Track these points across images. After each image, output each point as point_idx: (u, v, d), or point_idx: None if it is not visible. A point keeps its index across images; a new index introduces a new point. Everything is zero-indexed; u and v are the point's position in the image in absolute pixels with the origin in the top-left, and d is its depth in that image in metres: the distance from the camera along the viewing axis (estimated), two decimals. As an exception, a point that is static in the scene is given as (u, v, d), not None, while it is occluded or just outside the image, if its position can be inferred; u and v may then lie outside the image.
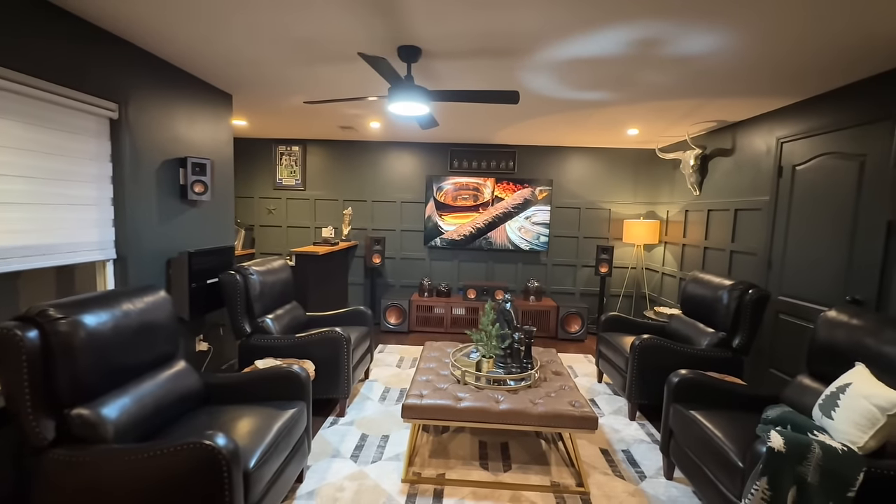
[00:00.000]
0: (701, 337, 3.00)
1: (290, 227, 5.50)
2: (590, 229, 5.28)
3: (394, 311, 4.84)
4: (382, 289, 5.44)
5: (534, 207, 5.14)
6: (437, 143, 5.25)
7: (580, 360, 4.13)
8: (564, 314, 4.75)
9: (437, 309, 4.88)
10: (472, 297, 4.87)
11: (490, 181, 5.13)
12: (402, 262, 5.43)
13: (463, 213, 5.20)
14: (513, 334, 2.46)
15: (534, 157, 5.23)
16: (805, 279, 2.90)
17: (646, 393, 2.85)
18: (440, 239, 5.24)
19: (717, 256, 3.90)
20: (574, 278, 5.35)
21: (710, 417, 1.98)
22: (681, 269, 4.51)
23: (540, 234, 5.17)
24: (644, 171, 5.18)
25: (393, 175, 5.35)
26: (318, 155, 5.38)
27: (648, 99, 3.11)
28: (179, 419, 1.87)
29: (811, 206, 2.88)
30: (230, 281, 2.75)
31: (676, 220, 4.66)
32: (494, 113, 3.65)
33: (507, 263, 5.36)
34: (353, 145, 5.32)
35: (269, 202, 5.48)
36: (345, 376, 2.77)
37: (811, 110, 2.91)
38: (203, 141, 3.05)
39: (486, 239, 5.20)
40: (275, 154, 5.39)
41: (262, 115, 4.14)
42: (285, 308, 3.17)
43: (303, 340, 2.75)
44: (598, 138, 4.68)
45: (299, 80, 2.89)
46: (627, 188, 5.23)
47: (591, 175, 5.24)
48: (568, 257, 5.33)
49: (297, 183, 5.42)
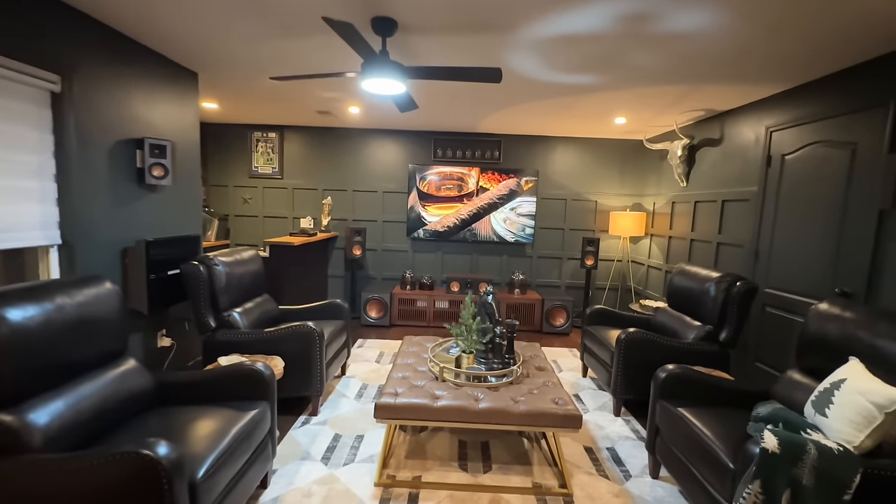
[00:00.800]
0: (687, 330, 2.93)
1: (266, 217, 5.28)
2: (576, 221, 5.19)
3: (374, 304, 4.68)
4: (363, 281, 5.27)
5: (519, 198, 5.02)
6: (421, 130, 5.07)
7: (565, 355, 4.04)
8: (549, 307, 4.66)
9: (420, 302, 4.74)
10: (456, 290, 4.74)
11: (475, 171, 4.99)
12: (384, 254, 5.27)
13: (447, 203, 5.05)
14: (494, 328, 2.34)
15: (519, 147, 5.10)
16: (793, 271, 2.83)
17: (631, 388, 2.77)
18: (423, 230, 5.09)
19: (703, 249, 3.84)
20: (559, 271, 5.26)
21: (698, 414, 1.89)
22: (667, 262, 4.45)
23: (525, 225, 5.05)
24: (631, 162, 5.10)
25: (375, 164, 5.16)
26: (296, 142, 5.16)
27: (636, 84, 3.00)
28: (127, 423, 1.70)
29: (800, 197, 2.81)
30: (193, 272, 2.56)
31: (663, 212, 4.59)
32: (478, 97, 3.49)
33: (492, 256, 5.24)
34: (333, 132, 5.11)
35: (244, 191, 5.24)
36: (317, 373, 2.62)
37: (801, 98, 2.83)
38: (164, 122, 2.83)
39: (471, 230, 5.07)
40: (250, 141, 5.15)
41: (234, 98, 3.91)
42: (255, 301, 2.99)
43: (272, 335, 2.58)
44: (584, 128, 4.57)
45: (268, 56, 2.69)
46: (614, 179, 5.14)
47: (577, 166, 5.14)
48: (553, 249, 5.23)
49: (273, 171, 5.19)
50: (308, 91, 3.53)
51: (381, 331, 4.57)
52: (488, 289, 2.50)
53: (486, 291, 2.50)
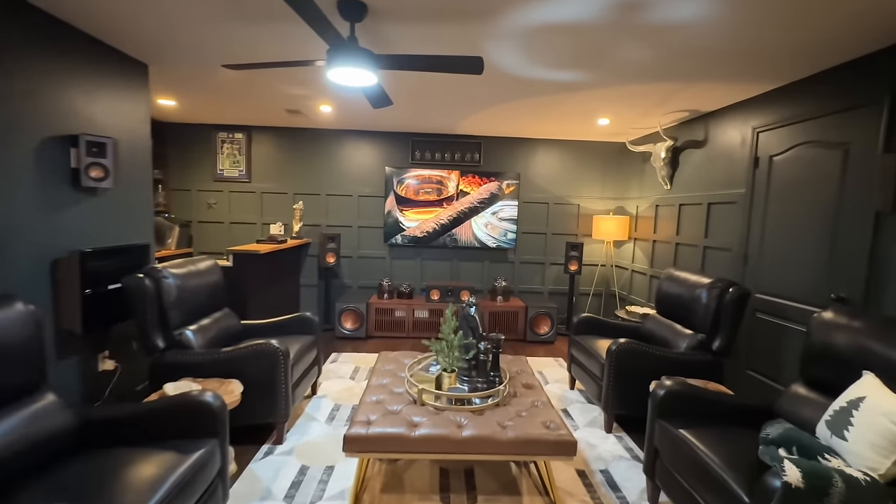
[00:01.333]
0: (679, 339, 2.79)
1: (233, 223, 4.94)
2: (559, 225, 5.06)
3: (350, 315, 4.41)
4: (338, 290, 4.99)
5: (501, 202, 4.85)
6: (398, 132, 4.85)
7: (551, 365, 3.87)
8: (533, 315, 4.49)
9: (398, 312, 4.50)
10: (436, 298, 4.52)
11: (454, 174, 4.80)
12: (360, 261, 5.01)
13: (426, 208, 4.84)
14: (478, 344, 2.13)
15: (501, 149, 4.94)
16: (784, 275, 2.74)
17: (624, 402, 2.60)
18: (401, 236, 4.85)
19: (689, 252, 3.74)
20: (542, 277, 5.11)
21: (701, 436, 1.72)
22: (651, 266, 4.35)
23: (507, 230, 4.89)
24: (613, 164, 5.01)
25: (349, 167, 4.91)
26: (264, 143, 4.85)
27: (623, 82, 2.87)
28: (40, 474, 1.40)
29: (790, 198, 2.72)
30: (136, 286, 2.25)
31: (646, 216, 4.50)
32: (458, 95, 3.30)
33: (474, 262, 5.04)
34: (305, 133, 4.84)
35: (209, 195, 4.90)
36: (282, 397, 2.35)
37: (789, 97, 2.75)
38: (106, 117, 2.53)
39: (451, 236, 4.86)
40: (215, 142, 4.81)
41: (194, 95, 3.61)
42: (213, 317, 2.69)
43: (229, 356, 2.30)
44: (567, 130, 4.45)
45: (223, 44, 2.43)
46: (596, 183, 5.04)
47: (559, 169, 5.01)
48: (536, 255, 5.08)
49: (240, 174, 4.87)
50: (274, 87, 3.27)
51: (356, 343, 4.30)
52: (470, 300, 2.29)
53: (468, 303, 2.29)
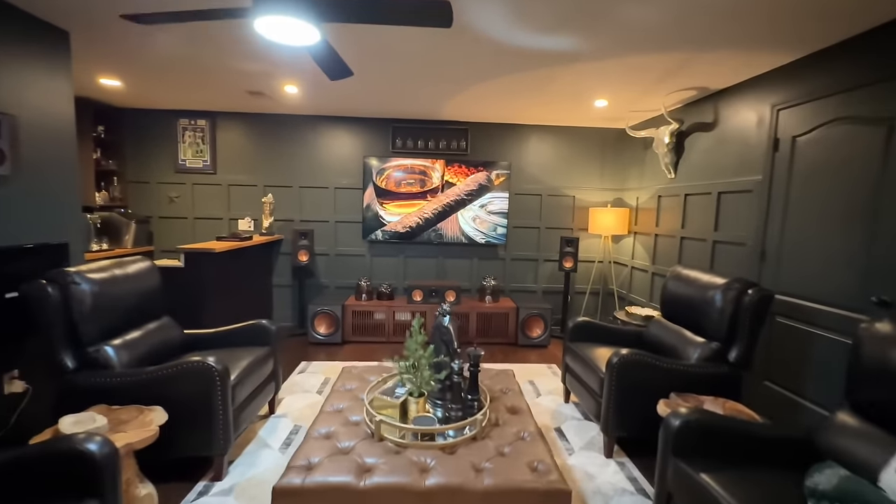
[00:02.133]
0: (689, 348, 2.43)
1: (197, 218, 4.52)
2: (553, 219, 4.68)
3: (324, 318, 4.02)
4: (314, 291, 4.59)
5: (490, 194, 4.46)
6: (378, 118, 4.44)
7: (543, 373, 3.50)
8: (525, 316, 4.11)
9: (378, 314, 4.11)
10: (419, 299, 4.13)
11: (439, 164, 4.40)
12: (338, 259, 4.61)
13: (408, 200, 4.44)
14: (452, 362, 1.75)
15: (489, 137, 4.55)
16: (809, 274, 2.37)
17: (627, 423, 2.24)
18: (382, 231, 4.46)
19: (696, 248, 3.37)
20: (535, 274, 4.73)
21: (730, 485, 1.35)
22: (653, 263, 3.98)
23: (497, 224, 4.50)
24: (612, 153, 4.62)
25: (325, 156, 4.49)
26: (230, 130, 4.43)
27: (622, 51, 2.48)
28: None
29: (816, 185, 2.35)
30: (37, 294, 1.85)
31: (648, 208, 4.13)
32: (436, 66, 2.90)
33: (461, 259, 4.66)
34: (275, 119, 4.41)
35: (170, 188, 4.47)
36: (220, 425, 1.96)
37: (815, 68, 2.38)
38: (8, 92, 2.11)
39: (436, 231, 4.47)
40: (176, 130, 4.38)
41: (139, 73, 3.18)
42: (146, 329, 2.29)
43: (153, 377, 1.90)
44: (561, 114, 4.05)
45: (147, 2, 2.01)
46: (593, 172, 4.66)
47: (553, 158, 4.62)
48: (529, 251, 4.70)
49: (205, 165, 4.44)
50: (224, 62, 2.85)
51: (331, 350, 3.91)
52: (444, 307, 1.91)
53: (441, 310, 1.91)
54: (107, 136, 4.23)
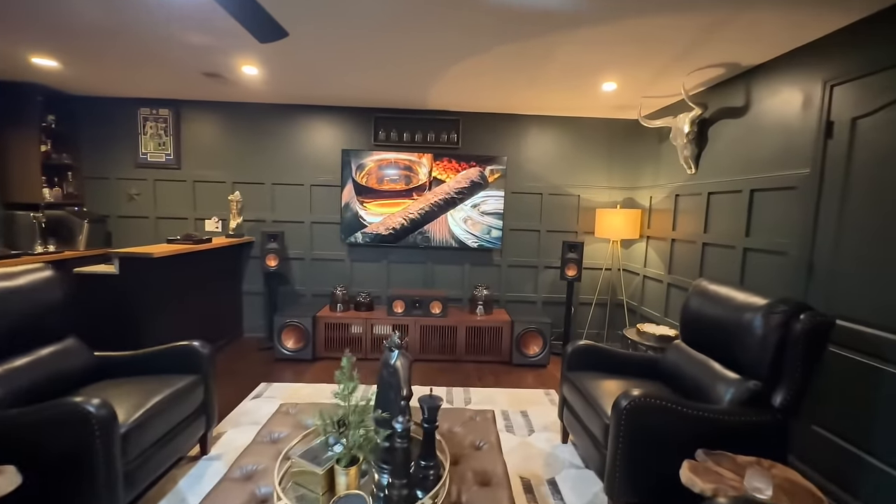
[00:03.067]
0: (719, 386, 1.91)
1: (160, 218, 4.10)
2: (554, 221, 4.17)
3: (292, 331, 3.56)
4: (289, 299, 4.15)
5: (483, 193, 3.97)
6: (358, 107, 3.98)
7: (539, 400, 3.00)
8: (521, 332, 3.61)
9: (354, 327, 3.64)
10: (400, 311, 3.65)
11: (426, 158, 3.92)
12: (315, 264, 4.15)
13: (391, 199, 3.97)
14: (396, 419, 1.26)
15: (483, 128, 4.06)
16: (877, 293, 1.85)
17: (638, 485, 1.74)
18: (362, 234, 3.99)
19: (722, 256, 2.85)
20: (535, 283, 4.23)
21: None
22: (669, 273, 3.46)
23: (491, 226, 4.01)
24: (622, 147, 4.11)
25: (300, 150, 4.04)
26: (196, 121, 4.00)
27: (634, 10, 1.98)
28: None
29: (885, 178, 1.83)
30: None
31: (663, 209, 3.61)
32: (415, 40, 2.43)
33: (451, 265, 4.17)
34: (244, 109, 3.98)
35: (130, 184, 4.06)
36: (103, 488, 1.50)
37: (883, 30, 1.85)
38: None
39: (423, 234, 4.00)
40: (137, 120, 3.97)
41: (73, 51, 2.76)
42: (37, 355, 1.84)
43: (9, 424, 1.45)
44: (564, 101, 3.55)
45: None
46: (601, 169, 4.14)
47: (555, 152, 4.12)
48: (527, 256, 4.20)
49: (168, 159, 4.02)
50: (158, 34, 2.40)
51: (299, 368, 3.45)
52: (393, 338, 1.43)
53: (390, 342, 1.43)
54: (59, 127, 3.83)
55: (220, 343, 3.76)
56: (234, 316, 4.03)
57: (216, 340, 3.69)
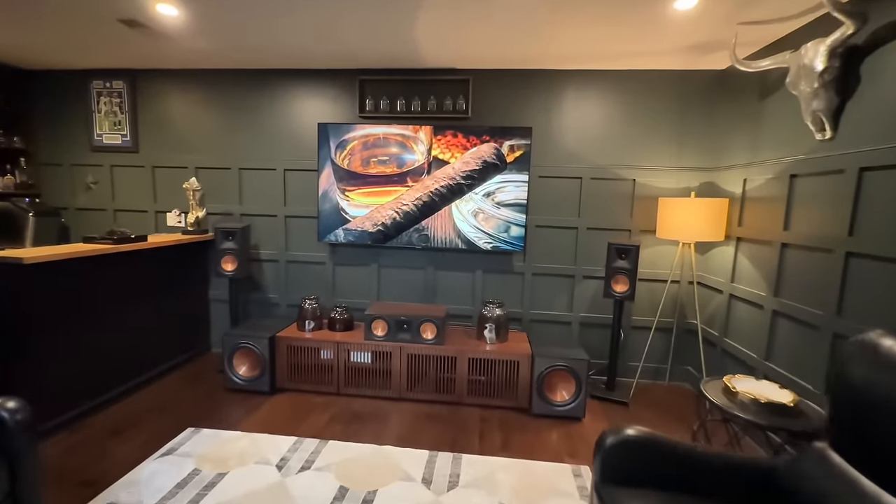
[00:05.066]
0: None
1: (119, 210, 3.51)
2: (598, 215, 3.07)
3: (245, 355, 2.80)
4: (262, 309, 3.41)
5: (500, 177, 2.97)
6: (339, 69, 3.12)
7: (563, 488, 1.98)
8: (546, 370, 2.59)
9: (325, 352, 2.81)
10: (381, 334, 2.76)
11: (425, 131, 2.98)
12: (292, 267, 3.38)
13: (380, 186, 3.08)
14: None
15: (500, 90, 3.04)
16: None
17: None
18: (345, 231, 3.14)
19: (881, 273, 1.66)
20: (569, 297, 3.16)
21: None
22: (775, 294, 2.27)
23: (510, 222, 3.00)
24: (699, 109, 2.91)
25: (271, 126, 3.26)
26: (152, 94, 3.34)
27: None
28: None
29: None
30: None
31: (766, 197, 2.41)
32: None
33: (458, 271, 3.22)
34: (203, 79, 3.25)
35: (87, 172, 3.50)
36: None
37: None
38: None
39: (420, 231, 3.07)
40: (90, 95, 3.38)
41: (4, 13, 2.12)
42: None
43: None
44: (612, 44, 2.45)
45: None
46: (667, 142, 2.97)
47: (601, 120, 3.01)
48: (559, 262, 3.14)
49: (124, 141, 3.41)
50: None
51: (253, 403, 2.68)
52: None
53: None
54: (9, 107, 3.34)
55: (175, 361, 3.10)
56: (196, 328, 3.36)
57: (168, 359, 3.03)
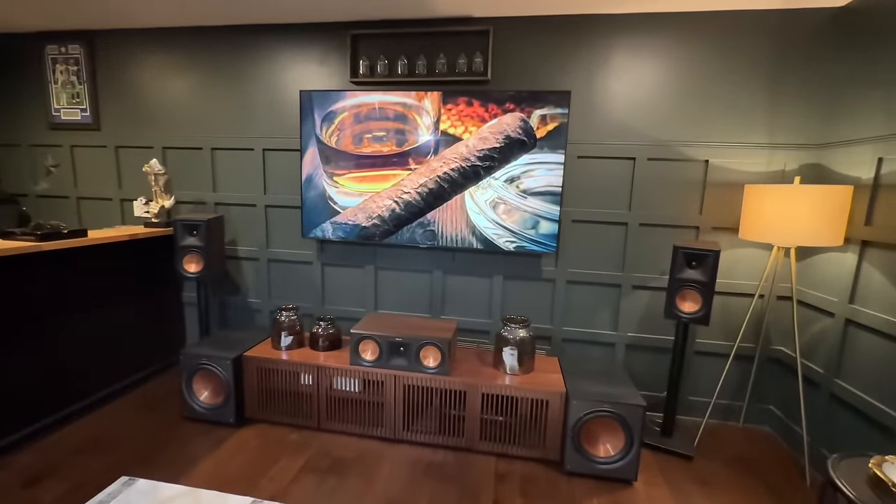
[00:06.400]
0: None
1: (82, 198, 3.04)
2: (656, 206, 2.36)
3: (206, 378, 2.27)
4: (242, 316, 2.89)
5: (528, 157, 2.30)
6: (327, 22, 2.50)
7: None
8: (585, 416, 1.92)
9: (304, 377, 2.25)
10: (371, 358, 2.16)
11: (432, 98, 2.34)
12: (274, 267, 2.83)
13: (375, 169, 2.46)
14: None
15: (530, 44, 2.35)
16: None
17: None
18: (333, 224, 2.56)
19: None
20: (613, 313, 2.47)
21: None
22: (935, 324, 1.53)
23: (539, 215, 2.33)
24: (804, 63, 2.13)
25: (248, 96, 2.69)
26: (114, 61, 2.82)
27: None
28: None
29: None
30: None
31: (919, 182, 1.65)
32: None
33: (472, 276, 2.58)
34: (170, 37, 2.70)
35: (45, 153, 3.04)
36: None
37: None
38: None
39: (425, 226, 2.45)
40: (45, 63, 2.90)
41: None
42: None
43: None
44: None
45: None
46: (754, 111, 2.21)
47: (662, 82, 2.27)
48: (602, 267, 2.45)
49: (83, 116, 2.91)
50: None
51: (212, 437, 2.15)
52: None
53: None
54: (-43, 77, 2.90)
55: (131, 380, 2.61)
56: (163, 339, 2.86)
57: (122, 378, 2.55)
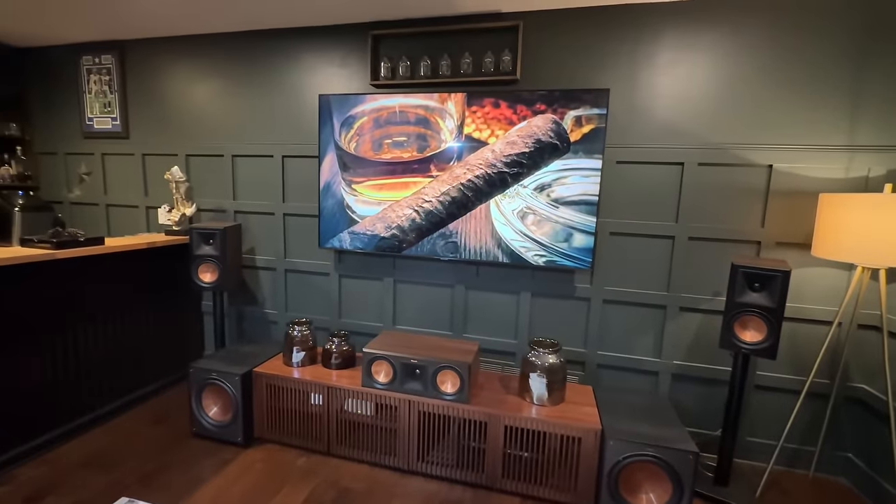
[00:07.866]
0: None
1: (111, 205, 3.08)
2: (708, 218, 2.07)
3: (216, 393, 2.17)
4: (258, 328, 2.81)
5: (560, 163, 2.08)
6: (346, 24, 2.40)
7: None
8: (624, 460, 1.66)
9: (315, 397, 2.10)
10: (385, 381, 1.99)
11: (455, 101, 2.17)
12: (292, 277, 2.73)
13: (395, 177, 2.32)
14: None
15: (563, 40, 2.14)
16: None
17: None
18: (351, 234, 2.42)
19: None
20: (657, 338, 2.19)
21: None
22: None
23: (572, 227, 2.10)
24: (893, 52, 1.81)
25: (267, 102, 2.62)
26: (142, 69, 2.85)
27: None
28: None
29: None
30: None
31: None
32: None
33: (498, 293, 2.37)
34: (193, 44, 2.69)
35: (80, 161, 3.10)
36: None
37: None
38: None
39: (447, 238, 2.27)
40: (80, 73, 2.97)
41: None
42: None
43: None
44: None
45: None
46: (830, 107, 1.90)
47: (715, 77, 2.00)
48: (644, 285, 2.18)
49: (114, 125, 2.95)
50: None
51: (219, 458, 2.03)
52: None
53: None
54: (3, 90, 3.03)
55: (147, 390, 2.56)
56: (181, 349, 2.82)
57: (137, 388, 2.50)
